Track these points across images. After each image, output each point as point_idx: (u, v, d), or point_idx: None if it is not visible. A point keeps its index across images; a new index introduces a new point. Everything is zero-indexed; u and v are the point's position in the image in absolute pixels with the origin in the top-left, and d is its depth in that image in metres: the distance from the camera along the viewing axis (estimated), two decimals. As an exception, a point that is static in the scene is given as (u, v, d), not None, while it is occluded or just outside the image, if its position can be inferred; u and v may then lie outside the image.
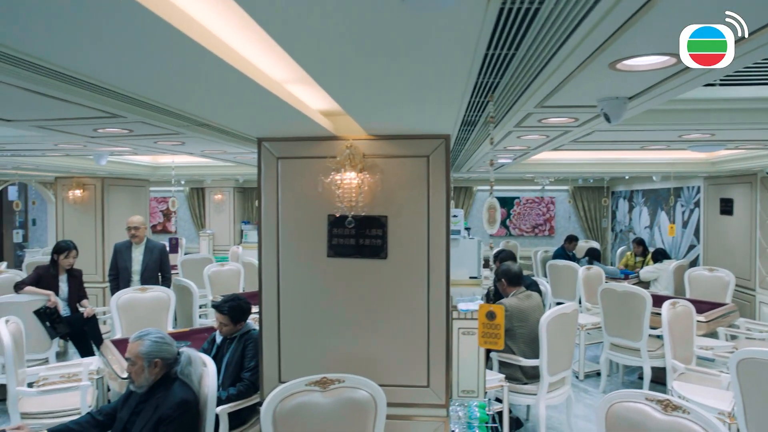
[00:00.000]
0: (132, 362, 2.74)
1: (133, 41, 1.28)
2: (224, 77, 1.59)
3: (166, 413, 2.66)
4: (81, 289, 5.78)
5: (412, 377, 3.08)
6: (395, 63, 1.50)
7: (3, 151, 4.35)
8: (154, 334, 2.83)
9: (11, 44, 1.33)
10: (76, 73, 1.59)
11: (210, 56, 1.36)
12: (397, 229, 3.06)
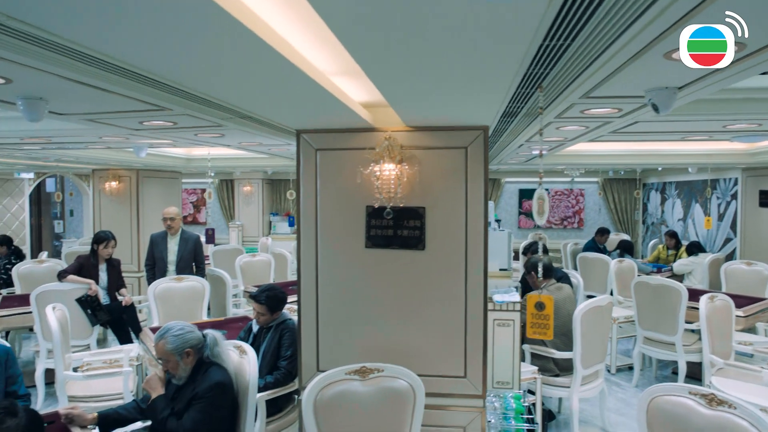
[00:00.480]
0: (165, 360, 2.79)
1: (195, 33, 1.31)
2: (276, 68, 1.61)
3: (200, 393, 2.73)
4: (119, 278, 5.94)
5: (449, 367, 3.10)
6: (447, 52, 1.51)
7: (49, 143, 4.48)
8: (174, 328, 2.85)
9: (81, 41, 1.37)
10: (135, 67, 1.64)
11: (267, 49, 1.38)
12: (435, 220, 3.07)
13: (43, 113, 2.23)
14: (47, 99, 2.21)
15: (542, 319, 2.38)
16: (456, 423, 3.09)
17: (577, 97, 2.32)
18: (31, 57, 1.52)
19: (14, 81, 1.89)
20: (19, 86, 1.98)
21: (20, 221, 11.38)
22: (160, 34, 1.33)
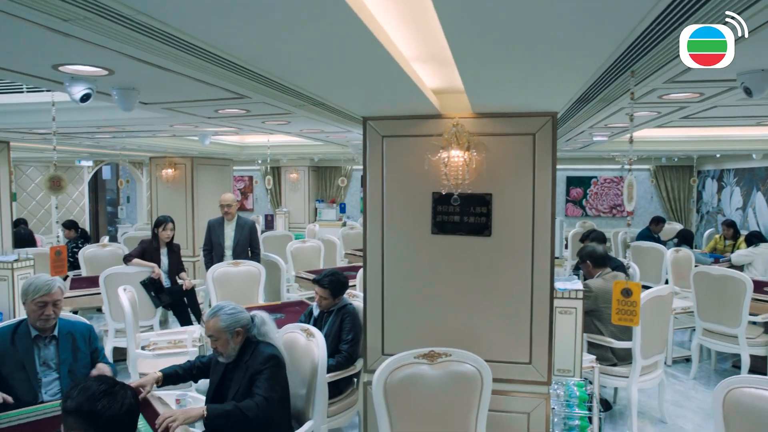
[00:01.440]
0: (215, 338, 2.85)
1: (296, 20, 1.34)
2: (368, 52, 1.62)
3: (257, 368, 2.78)
4: (179, 262, 6.15)
5: (514, 353, 3.11)
6: (544, 37, 1.50)
7: (121, 132, 4.66)
8: (226, 307, 2.91)
9: (187, 29, 1.43)
10: (231, 56, 1.69)
11: (360, 27, 1.37)
12: (501, 206, 3.07)
13: (135, 103, 2.34)
14: (139, 89, 2.32)
15: (628, 305, 2.36)
16: (520, 409, 3.11)
17: (662, 82, 2.27)
18: (137, 47, 1.59)
19: (116, 72, 2.00)
20: (119, 77, 2.09)
21: (80, 207, 11.90)
22: (263, 23, 1.38)
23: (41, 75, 2.10)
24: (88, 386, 1.72)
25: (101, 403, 1.65)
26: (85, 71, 2.00)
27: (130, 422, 1.73)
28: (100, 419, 1.64)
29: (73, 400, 1.69)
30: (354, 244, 9.56)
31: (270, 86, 2.21)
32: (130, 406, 1.71)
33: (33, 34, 1.54)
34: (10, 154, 5.31)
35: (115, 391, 1.71)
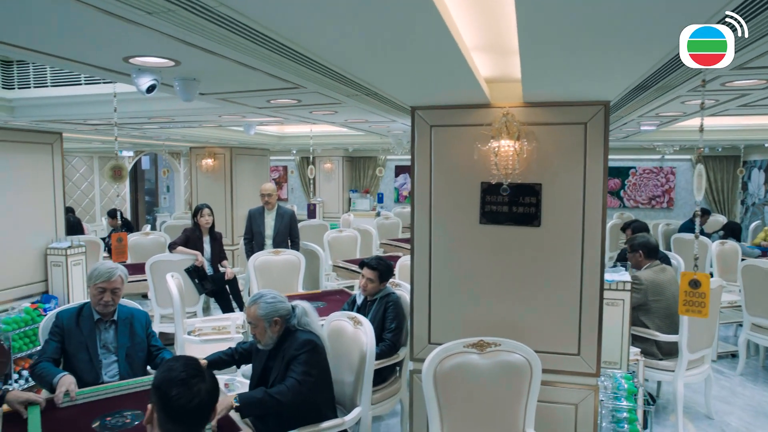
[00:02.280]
0: (254, 325, 2.89)
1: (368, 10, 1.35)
2: (432, 36, 1.61)
3: (293, 354, 2.81)
4: (221, 250, 6.28)
5: (562, 345, 3.09)
6: (619, 24, 1.48)
7: (170, 122, 4.77)
8: (267, 295, 2.93)
9: (259, 19, 1.45)
10: (298, 46, 1.72)
11: (431, 10, 1.37)
12: (551, 197, 3.04)
13: (195, 93, 2.39)
14: (200, 80, 2.37)
15: (697, 297, 2.32)
16: (568, 400, 3.09)
17: (729, 69, 2.21)
18: (210, 38, 1.63)
19: (182, 63, 2.05)
20: (183, 68, 2.14)
21: (121, 196, 12.23)
22: (334, 13, 1.39)
23: (111, 67, 2.16)
24: (173, 367, 1.72)
25: (175, 390, 1.64)
26: (152, 63, 2.06)
27: (198, 417, 1.70)
28: (171, 405, 1.64)
29: (158, 374, 1.72)
30: (389, 234, 9.59)
31: (327, 76, 2.23)
32: (200, 402, 1.67)
33: (110, 27, 1.59)
34: (63, 144, 5.49)
35: (192, 383, 1.66)
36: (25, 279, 5.15)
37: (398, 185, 13.51)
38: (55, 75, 3.81)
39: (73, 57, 2.00)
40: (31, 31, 1.68)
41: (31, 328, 4.77)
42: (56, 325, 3.14)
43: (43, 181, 5.33)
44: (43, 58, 1.99)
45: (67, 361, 3.07)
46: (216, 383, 1.76)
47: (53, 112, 3.98)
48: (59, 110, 3.94)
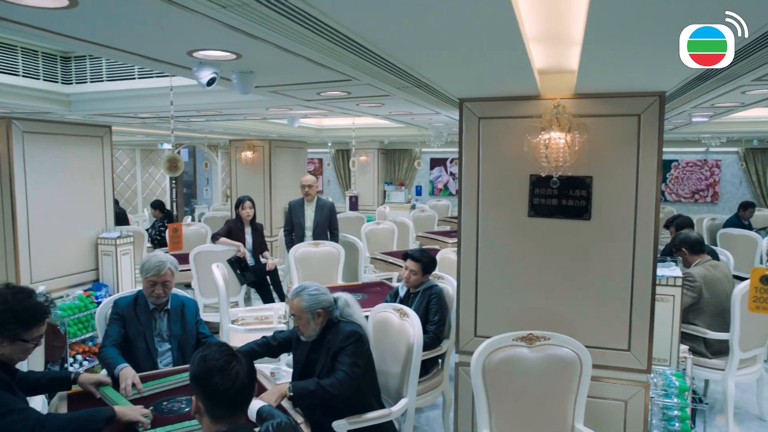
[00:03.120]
0: (297, 317, 2.90)
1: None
2: (497, 24, 1.60)
3: (339, 345, 2.83)
4: (263, 241, 6.38)
5: (611, 340, 3.05)
6: (691, 11, 1.44)
7: (217, 115, 4.87)
8: (310, 287, 2.94)
9: (327, 11, 1.47)
10: (362, 38, 1.73)
11: None
12: (602, 190, 2.99)
13: (252, 86, 2.43)
14: (257, 73, 2.41)
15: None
16: (617, 396, 3.05)
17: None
18: (278, 31, 1.65)
19: (243, 56, 2.09)
20: (244, 61, 2.18)
21: (162, 188, 12.54)
22: (405, 3, 1.39)
23: (175, 61, 2.22)
24: (207, 357, 1.76)
25: (216, 379, 1.69)
26: (214, 56, 2.10)
27: (242, 398, 1.76)
28: (214, 394, 1.70)
29: (194, 366, 1.77)
30: (425, 226, 9.58)
31: (383, 67, 2.24)
32: (242, 384, 1.72)
33: (179, 21, 1.63)
34: (112, 138, 5.66)
35: (230, 368, 1.72)
36: (77, 267, 5.34)
37: (433, 178, 13.46)
38: (111, 70, 3.93)
39: (140, 52, 2.06)
40: (106, 27, 1.74)
41: (84, 315, 4.95)
42: (116, 312, 3.24)
43: (94, 173, 5.50)
44: (111, 52, 2.05)
45: (126, 348, 3.15)
46: (252, 363, 1.83)
47: (108, 106, 4.11)
48: (113, 104, 4.07)
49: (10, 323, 2.11)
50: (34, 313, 2.18)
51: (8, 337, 2.13)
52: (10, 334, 2.13)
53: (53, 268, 5.08)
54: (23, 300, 2.17)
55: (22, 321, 2.14)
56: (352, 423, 2.81)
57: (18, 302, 2.15)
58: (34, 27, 1.68)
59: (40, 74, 3.84)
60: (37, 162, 4.85)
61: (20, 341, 2.16)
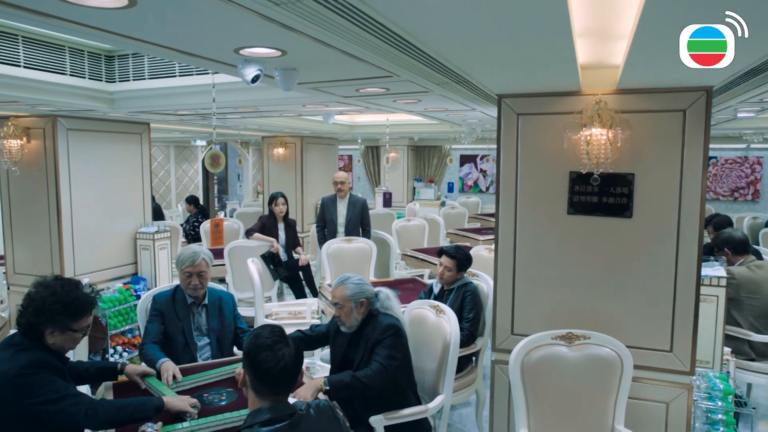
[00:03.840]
0: (340, 306, 2.94)
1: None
2: (551, 19, 1.58)
3: (377, 337, 2.85)
4: (296, 237, 6.44)
5: (653, 340, 2.99)
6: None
7: (253, 112, 4.93)
8: (353, 277, 3.00)
9: (376, 6, 1.47)
10: (403, 29, 1.72)
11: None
12: (644, 187, 2.93)
13: (295, 83, 2.46)
14: (300, 69, 2.43)
15: None
16: (659, 398, 2.99)
17: None
18: (327, 27, 1.66)
19: (288, 53, 2.11)
20: (288, 58, 2.20)
21: (195, 184, 12.77)
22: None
23: (221, 59, 2.26)
24: (260, 334, 1.85)
25: (262, 355, 1.77)
26: (260, 53, 2.13)
27: (284, 380, 1.82)
28: (258, 369, 1.77)
29: (247, 341, 1.85)
30: (455, 223, 9.53)
31: (425, 63, 2.24)
32: (285, 366, 1.78)
33: (229, 18, 1.66)
34: (151, 135, 5.79)
35: (277, 348, 1.79)
36: (117, 261, 5.49)
37: (463, 175, 13.38)
38: (153, 68, 4.02)
39: (190, 50, 2.11)
40: (161, 26, 1.79)
41: (124, 307, 5.08)
42: (155, 308, 3.31)
43: (133, 169, 5.64)
44: (163, 51, 2.09)
45: (166, 343, 3.22)
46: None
47: (149, 103, 4.21)
48: (155, 101, 4.16)
49: (59, 314, 2.20)
50: (81, 304, 2.27)
51: (59, 327, 2.22)
52: (60, 324, 2.21)
53: (95, 261, 5.23)
54: (71, 291, 2.26)
55: (70, 311, 2.22)
56: (389, 419, 2.82)
57: (66, 294, 2.23)
58: (93, 27, 1.73)
59: (86, 73, 3.95)
60: (80, 158, 4.99)
61: (70, 331, 2.25)
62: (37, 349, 2.19)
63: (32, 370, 2.09)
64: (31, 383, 2.07)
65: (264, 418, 1.74)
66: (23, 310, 2.22)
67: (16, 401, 2.05)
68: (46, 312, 2.17)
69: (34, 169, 4.88)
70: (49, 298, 2.19)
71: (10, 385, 2.05)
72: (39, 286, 2.26)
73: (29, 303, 2.21)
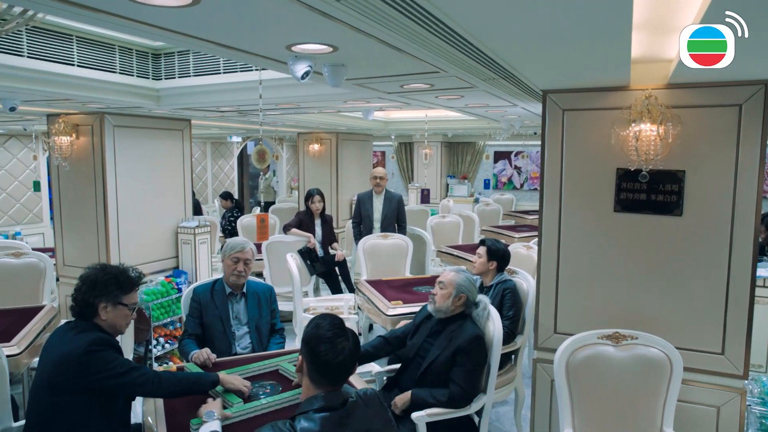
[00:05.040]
0: (443, 286, 3.01)
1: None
2: (613, 12, 1.55)
3: (463, 346, 2.87)
4: (332, 232, 6.48)
5: (703, 342, 2.91)
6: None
7: (294, 108, 4.97)
8: (468, 273, 3.08)
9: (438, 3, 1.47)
10: (458, 24, 1.71)
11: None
12: (696, 184, 2.85)
13: (343, 79, 2.47)
14: (347, 65, 2.45)
15: None
16: (709, 402, 2.91)
17: None
18: (377, 20, 1.66)
19: (339, 49, 2.13)
20: (339, 54, 2.21)
21: (231, 179, 12.98)
22: None
23: (272, 56, 2.29)
24: (320, 325, 1.86)
25: (322, 347, 1.79)
26: (311, 50, 2.15)
27: (342, 373, 1.84)
28: (317, 360, 1.79)
29: (307, 328, 1.87)
30: (489, 220, 9.45)
31: (475, 59, 2.22)
32: (343, 361, 1.81)
33: (283, 14, 1.67)
34: (192, 131, 5.91)
35: (338, 342, 1.81)
36: (160, 254, 5.63)
37: (497, 171, 13.25)
38: (198, 65, 4.10)
39: (245, 47, 2.14)
40: (221, 24, 1.82)
41: (166, 300, 5.20)
42: (194, 300, 3.41)
43: (175, 164, 5.77)
44: (219, 49, 2.14)
45: (205, 333, 3.34)
46: (358, 343, 1.89)
47: (194, 100, 4.30)
48: (199, 98, 4.25)
49: (112, 285, 2.35)
50: (129, 277, 2.43)
51: (111, 301, 2.35)
52: (113, 296, 2.35)
53: (139, 254, 5.37)
54: (119, 267, 2.45)
55: (120, 283, 2.37)
56: (431, 416, 2.83)
57: (115, 268, 2.43)
58: (155, 26, 1.78)
59: (134, 71, 4.06)
60: (125, 154, 5.14)
61: (121, 305, 2.38)
62: (96, 330, 2.31)
63: (98, 347, 2.22)
64: (99, 359, 2.19)
65: (318, 405, 1.78)
66: (77, 290, 2.35)
67: (85, 377, 2.17)
68: (99, 285, 2.32)
69: (82, 165, 5.04)
70: (101, 273, 2.36)
71: (80, 363, 2.17)
72: (90, 269, 2.43)
73: (83, 282, 2.36)
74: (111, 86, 3.89)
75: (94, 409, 2.23)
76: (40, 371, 2.27)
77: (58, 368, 2.18)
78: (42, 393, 2.21)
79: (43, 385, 2.21)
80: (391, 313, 4.12)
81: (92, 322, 2.34)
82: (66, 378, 2.17)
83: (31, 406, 2.27)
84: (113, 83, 3.90)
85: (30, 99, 3.91)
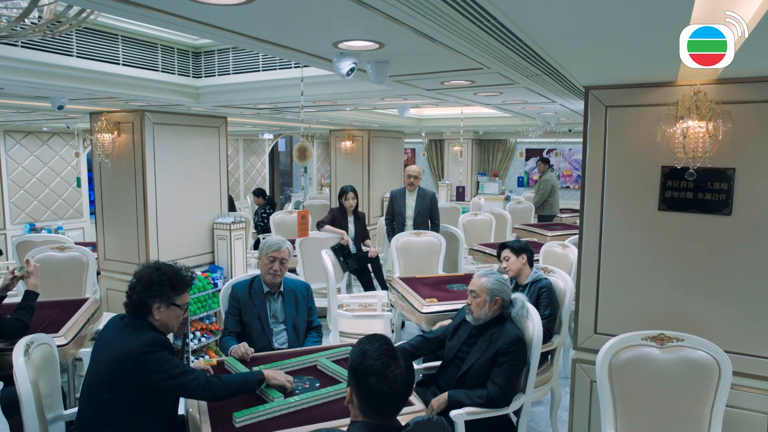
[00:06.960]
0: (476, 294, 2.98)
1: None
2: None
3: (504, 348, 2.86)
4: (365, 229, 6.51)
5: (754, 346, 2.82)
6: None
7: (330, 105, 5.01)
8: (498, 274, 3.04)
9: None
10: (509, 20, 1.69)
11: None
12: (746, 183, 2.76)
13: (386, 76, 2.47)
14: (391, 62, 2.45)
15: None
16: (760, 408, 2.81)
17: None
18: (427, 15, 1.65)
19: (385, 45, 2.13)
20: (384, 51, 2.21)
21: (262, 176, 13.13)
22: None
23: (318, 53, 2.30)
24: (367, 353, 1.66)
25: (372, 380, 1.61)
26: (358, 46, 2.15)
27: (395, 405, 1.68)
28: (368, 393, 1.63)
29: (353, 357, 1.69)
30: (521, 218, 9.34)
31: (521, 55, 2.20)
32: (397, 391, 1.63)
33: (333, 11, 1.68)
34: (227, 128, 6.00)
35: (388, 372, 1.62)
36: (197, 250, 5.74)
37: (528, 169, 13.09)
38: (237, 63, 4.16)
39: (293, 45, 2.16)
40: (273, 22, 1.84)
41: (202, 294, 5.29)
42: (233, 298, 3.47)
43: (211, 161, 5.87)
44: (260, 45, 2.15)
45: (244, 330, 3.40)
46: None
47: (232, 98, 4.36)
48: (238, 96, 4.31)
49: (166, 286, 2.39)
50: (183, 278, 2.48)
51: (165, 302, 2.40)
52: (167, 297, 2.40)
53: (177, 249, 5.49)
54: (173, 268, 2.49)
55: (174, 284, 2.42)
56: (470, 414, 2.81)
57: (170, 269, 2.46)
58: (209, 25, 1.81)
59: (176, 69, 4.14)
60: (164, 151, 5.25)
61: (174, 306, 2.43)
62: (151, 330, 2.37)
63: (154, 348, 2.27)
64: (154, 360, 2.25)
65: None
66: (132, 289, 2.40)
67: (140, 377, 2.23)
68: (154, 286, 2.36)
69: (123, 162, 5.17)
70: (156, 273, 2.40)
71: (136, 362, 2.22)
72: (144, 267, 2.47)
73: (138, 280, 2.41)
74: (153, 84, 3.97)
75: (146, 406, 2.29)
76: (95, 366, 2.34)
77: (114, 366, 2.24)
78: (98, 389, 2.27)
79: (100, 381, 2.28)
80: (426, 311, 4.11)
81: (146, 321, 2.39)
82: (122, 376, 2.22)
83: (85, 399, 2.33)
84: (155, 81, 3.98)
85: (76, 98, 4.03)
